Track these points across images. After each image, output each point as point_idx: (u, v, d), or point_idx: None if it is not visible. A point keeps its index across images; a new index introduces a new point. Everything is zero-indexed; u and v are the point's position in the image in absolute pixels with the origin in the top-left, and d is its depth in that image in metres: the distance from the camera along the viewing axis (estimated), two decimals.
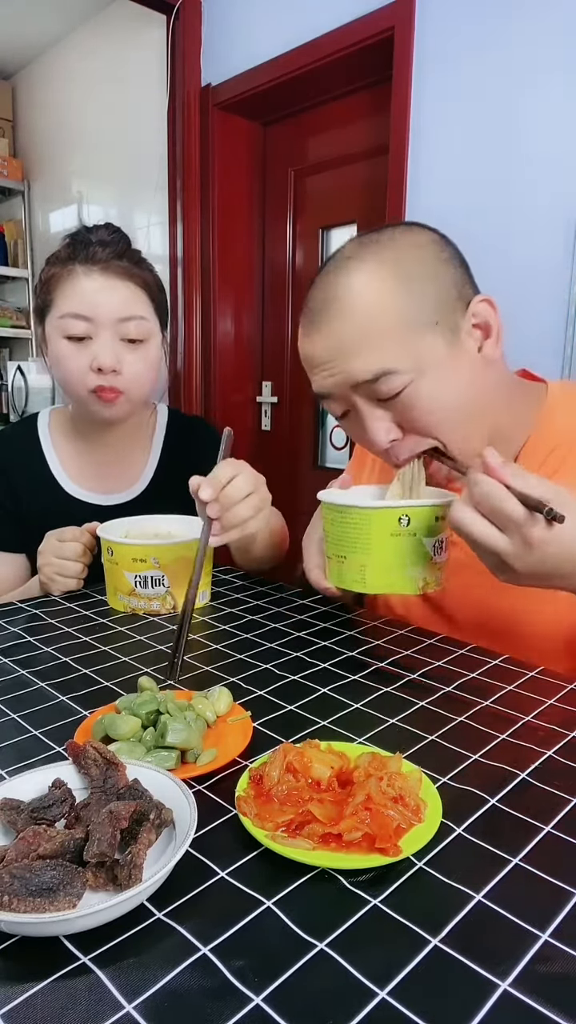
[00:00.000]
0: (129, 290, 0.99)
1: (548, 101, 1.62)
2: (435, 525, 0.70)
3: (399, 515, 0.69)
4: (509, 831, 0.45)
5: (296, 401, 2.66)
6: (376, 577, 0.71)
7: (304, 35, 2.13)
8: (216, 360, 2.66)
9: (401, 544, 0.69)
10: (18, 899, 0.36)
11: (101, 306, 0.97)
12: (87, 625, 0.83)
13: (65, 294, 0.98)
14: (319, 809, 0.45)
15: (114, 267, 0.98)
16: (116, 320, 0.98)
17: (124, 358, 0.99)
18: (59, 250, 1.01)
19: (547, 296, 1.65)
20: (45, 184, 3.50)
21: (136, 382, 1.01)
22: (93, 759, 0.48)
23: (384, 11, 1.90)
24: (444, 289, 0.72)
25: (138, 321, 0.99)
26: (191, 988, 0.34)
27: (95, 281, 0.97)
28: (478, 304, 0.74)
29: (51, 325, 1.00)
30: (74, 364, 0.99)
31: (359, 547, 0.71)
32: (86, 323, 0.97)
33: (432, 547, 0.70)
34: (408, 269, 0.71)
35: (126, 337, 0.99)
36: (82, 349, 0.98)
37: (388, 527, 0.69)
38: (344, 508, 0.71)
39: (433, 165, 1.86)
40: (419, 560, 0.70)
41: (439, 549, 0.72)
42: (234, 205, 2.59)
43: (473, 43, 1.74)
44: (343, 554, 0.72)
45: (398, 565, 0.70)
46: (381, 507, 0.70)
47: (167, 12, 2.53)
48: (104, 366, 0.97)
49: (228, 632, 0.81)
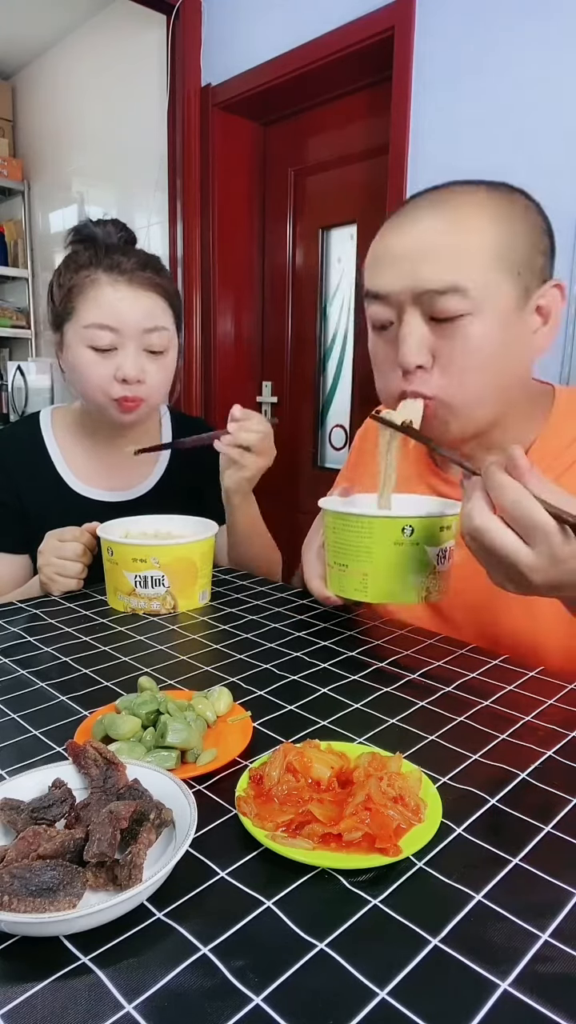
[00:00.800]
0: (152, 300, 1.00)
1: (548, 100, 1.62)
2: (439, 535, 0.69)
3: (403, 525, 0.68)
4: (509, 831, 0.45)
5: (296, 401, 2.66)
6: (378, 586, 0.70)
7: (304, 35, 2.13)
8: (216, 360, 2.66)
9: (404, 553, 0.69)
10: (18, 899, 0.36)
11: (126, 317, 0.98)
12: (87, 625, 0.83)
13: (89, 303, 0.98)
14: (319, 809, 0.45)
15: (139, 277, 0.99)
16: (141, 331, 0.99)
17: (147, 368, 1.01)
18: (76, 254, 1.01)
19: None
20: (45, 184, 3.50)
21: (156, 390, 1.03)
22: (93, 759, 0.48)
23: (384, 11, 1.90)
24: (535, 251, 0.73)
25: (161, 332, 1.01)
26: (191, 988, 0.34)
27: (120, 291, 0.98)
28: (551, 287, 0.74)
29: (73, 333, 1.00)
30: (97, 373, 0.99)
31: (361, 556, 0.70)
32: (112, 334, 0.98)
33: (435, 556, 0.70)
34: (513, 219, 0.72)
35: (149, 348, 1.00)
36: (106, 359, 0.99)
37: (391, 536, 0.68)
38: (347, 516, 0.70)
39: (433, 165, 1.86)
40: (422, 569, 0.70)
41: (442, 559, 0.71)
42: (234, 205, 2.59)
43: (473, 43, 1.74)
44: (344, 563, 0.72)
45: (400, 574, 0.70)
46: (385, 516, 0.69)
47: (167, 12, 2.53)
48: (130, 378, 0.98)
49: (228, 632, 0.81)
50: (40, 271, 3.63)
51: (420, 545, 0.69)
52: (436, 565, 0.70)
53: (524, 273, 0.72)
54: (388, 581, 0.70)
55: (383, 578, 0.70)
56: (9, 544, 1.09)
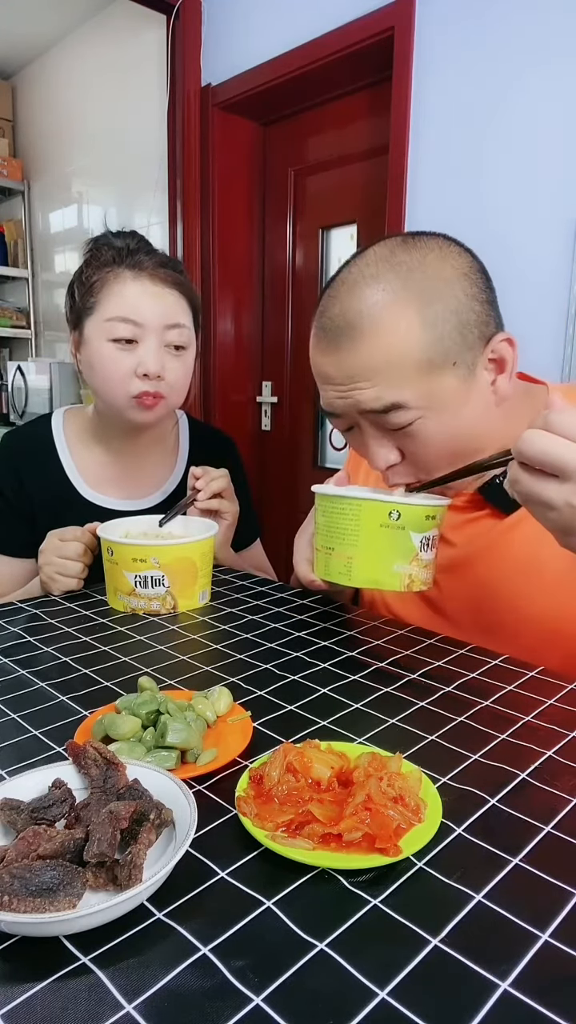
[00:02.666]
0: (174, 297, 1.01)
1: (548, 100, 1.62)
2: (425, 523, 0.71)
3: (390, 509, 0.70)
4: (509, 831, 0.45)
5: (296, 401, 2.66)
6: (362, 570, 0.72)
7: (304, 35, 2.13)
8: (216, 360, 2.66)
9: (389, 536, 0.70)
10: (18, 899, 0.36)
11: (149, 311, 0.98)
12: (87, 625, 0.83)
13: (112, 297, 0.98)
14: (319, 809, 0.45)
15: (161, 274, 1.00)
16: (163, 327, 0.99)
17: (167, 365, 1.01)
18: (97, 253, 1.01)
19: (547, 295, 1.65)
20: (45, 184, 3.50)
21: (176, 388, 1.03)
22: (93, 759, 0.48)
23: (384, 11, 1.90)
24: (466, 330, 0.70)
25: (181, 329, 1.01)
26: (191, 988, 0.34)
27: (144, 286, 0.99)
28: (500, 342, 0.73)
29: (94, 327, 1.00)
30: (117, 368, 0.99)
31: (348, 538, 0.71)
32: (134, 327, 0.98)
33: (420, 543, 0.71)
34: (433, 307, 0.68)
35: (170, 344, 1.01)
36: (126, 354, 0.99)
37: (378, 518, 0.70)
38: (336, 498, 0.72)
39: (433, 165, 1.86)
40: (406, 556, 0.71)
41: (427, 546, 0.72)
42: (234, 205, 2.59)
43: (473, 43, 1.74)
44: (331, 545, 0.73)
45: (385, 559, 0.71)
46: (373, 499, 0.71)
47: (167, 12, 2.53)
48: (151, 372, 0.98)
49: (228, 632, 0.81)
50: (40, 271, 3.64)
51: (406, 530, 0.70)
52: (419, 552, 0.71)
53: (460, 357, 0.70)
54: (372, 565, 0.71)
55: (367, 562, 0.71)
56: (15, 547, 1.09)
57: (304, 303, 2.58)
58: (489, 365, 0.74)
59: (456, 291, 0.70)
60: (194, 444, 1.20)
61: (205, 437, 1.23)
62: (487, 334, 0.72)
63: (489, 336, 0.72)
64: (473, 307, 0.71)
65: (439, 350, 0.69)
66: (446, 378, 0.70)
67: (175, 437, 1.20)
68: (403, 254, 0.71)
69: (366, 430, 0.75)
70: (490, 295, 0.73)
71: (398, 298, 0.69)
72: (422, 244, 0.72)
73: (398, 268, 0.70)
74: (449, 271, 0.70)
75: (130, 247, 1.01)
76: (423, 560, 0.72)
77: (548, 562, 0.77)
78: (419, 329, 0.68)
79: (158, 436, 1.14)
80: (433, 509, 0.71)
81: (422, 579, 0.73)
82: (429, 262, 0.70)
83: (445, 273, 0.70)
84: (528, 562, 0.79)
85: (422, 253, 0.71)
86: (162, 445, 1.16)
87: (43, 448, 1.11)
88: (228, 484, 1.04)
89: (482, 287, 0.72)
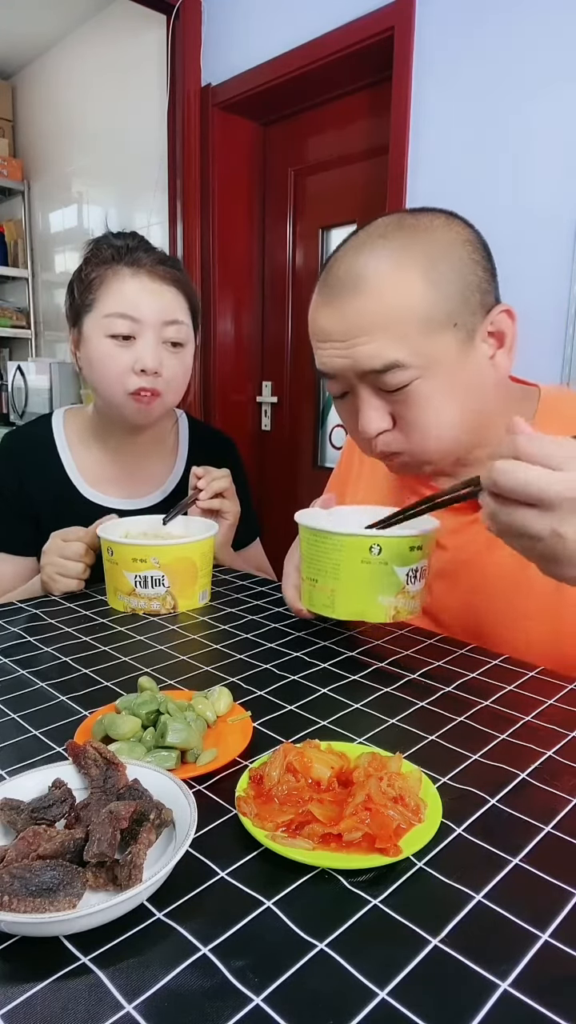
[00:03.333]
0: (172, 294, 1.02)
1: (548, 100, 1.62)
2: (408, 555, 0.68)
3: (370, 544, 0.67)
4: (509, 831, 0.45)
5: (296, 401, 2.66)
6: (345, 604, 0.70)
7: (304, 35, 2.13)
8: (216, 360, 2.66)
9: (372, 572, 0.68)
10: (18, 899, 0.36)
11: (146, 307, 0.99)
12: (87, 625, 0.83)
13: (110, 294, 0.99)
14: (319, 809, 0.45)
15: (160, 271, 1.00)
16: (160, 323, 1.00)
17: (165, 361, 1.01)
18: (97, 251, 1.02)
19: (548, 295, 1.65)
20: (45, 184, 3.50)
21: (172, 386, 1.03)
22: (93, 759, 0.48)
23: (384, 11, 1.90)
24: (469, 292, 0.71)
25: (179, 325, 1.02)
26: (191, 988, 0.34)
27: (142, 283, 0.99)
28: (498, 313, 0.73)
29: (93, 323, 1.00)
30: (115, 364, 0.99)
31: (329, 571, 0.70)
32: (131, 323, 0.98)
33: (405, 576, 0.69)
34: (438, 266, 0.69)
35: (168, 340, 1.01)
36: (124, 349, 0.99)
37: (358, 554, 0.68)
38: (317, 531, 0.70)
39: (433, 165, 1.86)
40: (390, 589, 0.69)
41: (413, 578, 0.70)
42: (234, 205, 2.59)
43: (473, 43, 1.74)
44: (315, 577, 0.72)
45: (367, 592, 0.69)
46: (353, 534, 0.68)
47: (167, 12, 2.53)
48: (148, 367, 0.99)
49: (228, 632, 0.81)
50: (40, 271, 3.64)
51: (389, 565, 0.68)
52: (406, 585, 0.69)
53: (462, 320, 0.70)
54: (355, 599, 0.70)
55: (350, 595, 0.70)
56: (17, 546, 1.09)
57: (304, 303, 2.56)
58: (489, 339, 0.74)
59: (461, 253, 0.71)
60: (194, 444, 1.20)
61: (205, 437, 1.23)
62: (487, 303, 0.73)
63: (489, 306, 0.73)
64: (476, 271, 0.71)
65: (442, 309, 0.69)
66: (446, 338, 0.70)
67: (175, 436, 1.20)
68: (410, 219, 0.73)
69: (360, 393, 0.74)
70: (491, 267, 0.74)
71: (403, 256, 0.70)
72: (428, 213, 0.74)
73: (405, 230, 0.71)
74: (454, 235, 0.72)
75: (129, 245, 1.02)
76: (410, 592, 0.70)
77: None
78: (422, 286, 0.69)
79: (157, 435, 1.15)
80: (418, 539, 0.69)
81: (408, 609, 0.71)
82: (436, 226, 0.72)
83: (450, 236, 0.71)
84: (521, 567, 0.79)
85: (429, 219, 0.72)
86: (162, 444, 1.17)
87: (43, 448, 1.11)
88: (230, 484, 1.04)
89: (484, 256, 0.74)
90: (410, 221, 0.72)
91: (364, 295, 0.70)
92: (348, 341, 0.71)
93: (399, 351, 0.69)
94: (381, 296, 0.69)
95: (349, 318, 0.71)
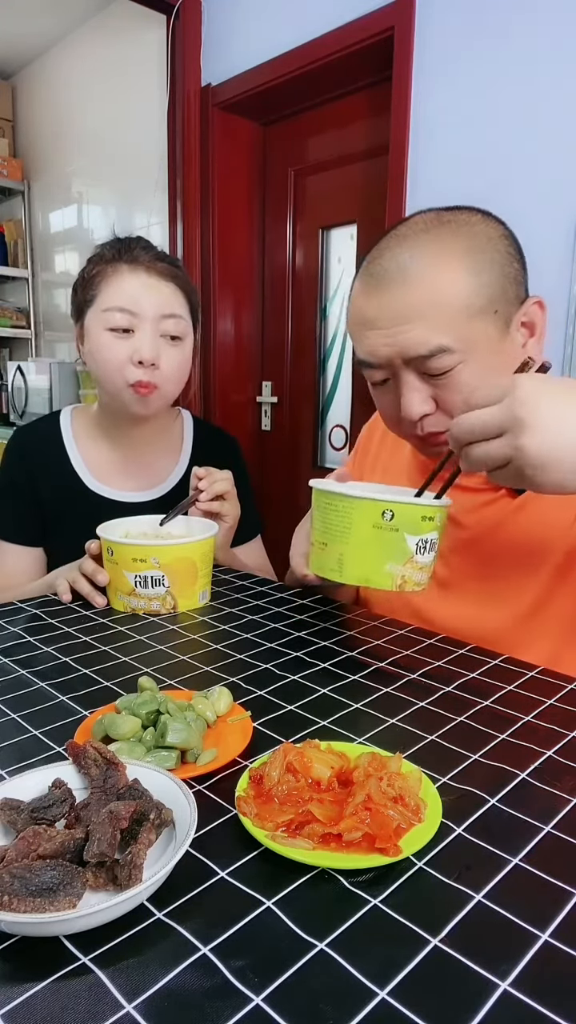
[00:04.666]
0: (170, 289, 1.05)
1: (548, 100, 1.62)
2: (420, 524, 0.69)
3: (383, 508, 0.68)
4: (509, 831, 0.45)
5: (296, 401, 2.66)
6: (353, 567, 0.71)
7: (304, 35, 2.13)
8: (216, 360, 2.66)
9: (382, 538, 0.69)
10: (18, 899, 0.36)
11: (144, 301, 1.02)
12: (87, 625, 0.83)
13: (110, 289, 1.03)
14: (319, 809, 0.45)
15: (157, 267, 1.04)
16: (158, 316, 1.03)
17: (163, 353, 1.04)
18: (100, 252, 1.06)
19: (547, 295, 1.64)
20: (45, 184, 3.50)
21: (171, 378, 1.06)
22: (93, 759, 0.48)
23: (384, 11, 1.90)
24: (507, 282, 0.74)
25: (177, 319, 1.05)
26: (191, 988, 0.34)
27: (140, 278, 1.03)
28: (532, 304, 0.77)
29: (93, 318, 1.04)
30: (114, 356, 1.03)
31: (339, 535, 0.70)
32: (129, 316, 1.02)
33: (415, 546, 0.69)
34: (478, 257, 0.73)
35: (166, 333, 1.04)
36: (123, 342, 1.02)
37: (370, 519, 0.68)
38: (331, 495, 0.71)
39: (433, 165, 1.86)
40: (399, 557, 0.69)
41: (423, 549, 0.70)
42: (234, 205, 2.59)
43: (473, 43, 1.74)
44: (325, 541, 0.72)
45: (376, 558, 0.69)
46: (366, 498, 0.69)
47: (167, 12, 2.53)
48: (145, 359, 1.01)
49: (228, 632, 0.81)
50: (40, 271, 3.63)
51: (400, 532, 0.68)
52: (415, 555, 0.70)
53: (501, 308, 0.74)
54: (363, 564, 0.70)
55: (359, 560, 0.70)
56: (27, 538, 1.13)
57: (304, 303, 2.58)
58: (522, 328, 0.77)
59: (500, 246, 0.75)
60: (198, 440, 1.22)
61: (209, 435, 1.25)
62: (521, 295, 0.77)
63: (523, 298, 0.77)
64: (512, 264, 0.75)
65: (483, 295, 0.72)
66: (487, 324, 0.73)
67: (179, 432, 1.22)
68: (448, 215, 0.76)
69: (404, 379, 0.76)
70: (524, 262, 0.78)
71: (447, 247, 0.73)
72: (465, 210, 0.77)
73: (447, 225, 0.75)
74: (492, 230, 0.76)
75: (130, 244, 1.05)
76: (419, 563, 0.71)
77: (556, 542, 0.80)
78: (465, 275, 0.72)
79: (160, 428, 1.17)
80: (430, 510, 0.70)
81: (415, 580, 0.71)
82: (474, 222, 0.76)
83: (488, 231, 0.75)
84: (536, 542, 0.81)
85: (467, 216, 0.76)
86: (165, 438, 1.19)
87: (52, 443, 1.15)
88: (231, 487, 1.05)
89: (518, 251, 0.77)
90: (448, 217, 0.76)
91: (409, 283, 0.72)
92: (394, 328, 0.73)
93: (445, 336, 0.72)
94: (425, 284, 0.72)
95: (395, 306, 0.73)
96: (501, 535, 0.83)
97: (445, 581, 0.88)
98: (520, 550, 0.82)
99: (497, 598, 0.84)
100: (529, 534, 0.81)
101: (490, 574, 0.85)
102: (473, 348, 0.73)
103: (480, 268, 0.72)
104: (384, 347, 0.74)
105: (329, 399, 2.56)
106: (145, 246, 1.06)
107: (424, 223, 0.75)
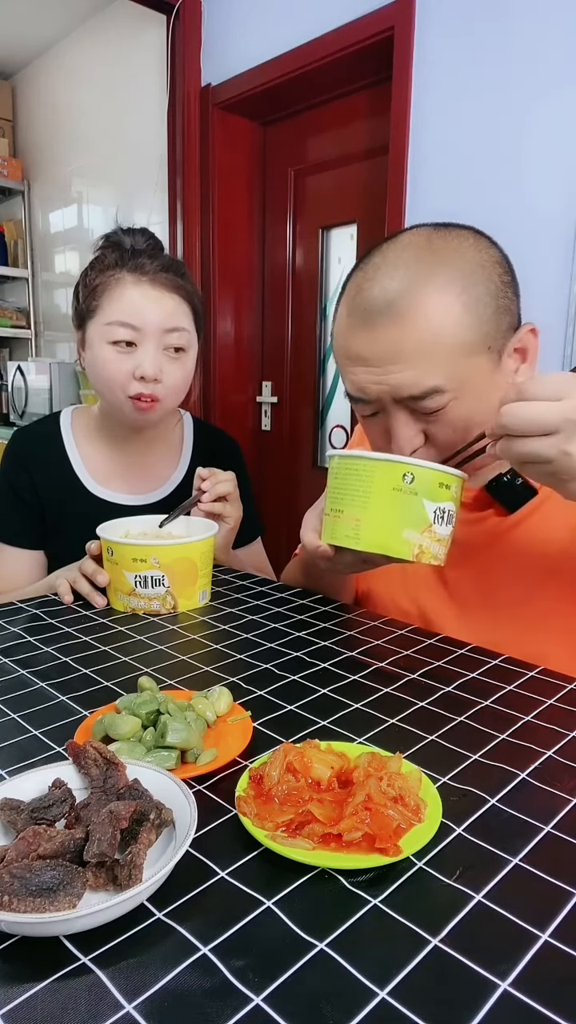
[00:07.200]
0: (175, 302, 1.02)
1: (548, 100, 1.62)
2: (439, 491, 0.68)
3: (404, 471, 0.67)
4: (509, 831, 0.45)
5: (296, 401, 2.66)
6: (370, 533, 0.69)
7: (304, 35, 2.13)
8: (216, 360, 2.66)
9: (401, 501, 0.67)
10: (18, 899, 0.36)
11: (148, 316, 1.00)
12: (87, 625, 0.83)
13: (113, 301, 1.00)
14: (319, 809, 0.45)
15: (162, 279, 1.01)
16: (161, 331, 1.01)
17: (165, 368, 1.02)
18: (103, 255, 1.03)
19: (548, 295, 1.65)
20: (45, 184, 3.50)
21: (173, 391, 1.05)
22: (93, 759, 0.48)
23: (384, 11, 1.90)
24: (500, 315, 0.71)
25: (180, 332, 1.03)
26: (191, 988, 0.34)
27: (143, 291, 1.00)
28: (526, 332, 0.74)
29: (96, 330, 1.02)
30: (116, 370, 1.01)
31: (358, 500, 0.69)
32: (133, 331, 1.00)
33: (433, 513, 0.68)
34: (472, 293, 0.70)
35: (169, 347, 1.02)
36: (126, 356, 1.01)
37: (391, 481, 0.67)
38: (351, 458, 0.70)
39: (433, 165, 1.86)
40: (418, 524, 0.68)
41: (440, 519, 0.69)
42: (234, 205, 2.59)
43: (473, 43, 1.74)
44: (340, 508, 0.71)
45: (395, 523, 0.68)
46: (387, 459, 0.68)
47: (167, 12, 2.53)
48: (147, 375, 1.00)
49: (228, 632, 0.81)
50: (40, 271, 3.63)
51: (419, 496, 0.67)
52: (433, 523, 0.68)
53: (495, 342, 0.71)
54: (382, 529, 0.69)
55: (377, 525, 0.69)
56: (27, 541, 1.12)
57: (304, 303, 2.58)
58: (514, 354, 0.75)
59: (493, 276, 0.71)
60: (198, 443, 1.22)
61: (209, 437, 1.25)
62: (514, 324, 0.74)
63: (516, 325, 0.74)
64: (507, 294, 0.72)
65: (478, 333, 0.70)
66: (480, 362, 0.71)
67: (179, 434, 1.22)
68: (439, 241, 0.72)
69: (394, 415, 0.74)
70: (517, 286, 0.75)
71: (439, 280, 0.69)
72: (456, 233, 0.73)
73: (437, 252, 0.71)
74: (486, 257, 0.72)
75: (135, 248, 1.03)
76: (436, 533, 0.69)
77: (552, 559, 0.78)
78: (459, 311, 0.69)
79: (161, 432, 1.17)
80: (448, 478, 0.68)
81: (433, 552, 0.69)
82: (466, 248, 0.72)
83: (481, 259, 0.71)
84: (532, 558, 0.80)
85: (458, 241, 0.72)
86: (165, 441, 1.19)
87: (52, 445, 1.14)
88: (234, 488, 1.05)
89: (511, 276, 0.74)
90: (439, 243, 0.72)
91: (401, 321, 0.69)
92: (385, 367, 0.71)
93: (438, 377, 0.70)
94: (418, 322, 0.69)
95: (386, 344, 0.70)
96: (495, 551, 0.83)
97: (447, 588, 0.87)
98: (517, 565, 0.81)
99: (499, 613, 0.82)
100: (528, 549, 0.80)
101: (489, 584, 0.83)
102: (466, 386, 0.71)
103: (474, 303, 0.69)
104: (374, 385, 0.72)
105: (329, 399, 2.56)
106: (151, 253, 1.03)
107: (415, 249, 0.72)
